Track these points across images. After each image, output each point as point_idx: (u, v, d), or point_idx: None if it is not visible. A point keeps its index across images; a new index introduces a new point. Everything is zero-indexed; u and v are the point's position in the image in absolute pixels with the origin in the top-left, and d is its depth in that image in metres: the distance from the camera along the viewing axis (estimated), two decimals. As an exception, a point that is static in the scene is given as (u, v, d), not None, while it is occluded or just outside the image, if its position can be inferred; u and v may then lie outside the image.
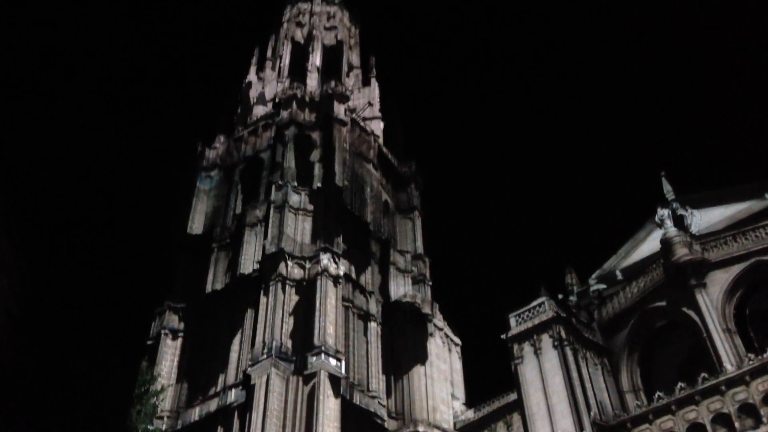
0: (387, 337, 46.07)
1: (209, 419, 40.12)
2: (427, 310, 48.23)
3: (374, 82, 65.35)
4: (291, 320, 41.32)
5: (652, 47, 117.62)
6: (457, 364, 46.80)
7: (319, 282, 42.23)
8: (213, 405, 40.88)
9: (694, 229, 42.28)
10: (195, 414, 41.14)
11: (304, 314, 41.38)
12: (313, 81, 58.86)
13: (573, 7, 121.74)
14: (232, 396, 40.01)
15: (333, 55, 65.77)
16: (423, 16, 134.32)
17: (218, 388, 41.67)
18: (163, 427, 39.89)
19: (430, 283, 50.88)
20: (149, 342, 45.36)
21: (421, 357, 45.13)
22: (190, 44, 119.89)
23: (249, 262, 46.10)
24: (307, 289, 42.55)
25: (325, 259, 43.28)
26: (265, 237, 45.64)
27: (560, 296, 42.50)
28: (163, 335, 44.65)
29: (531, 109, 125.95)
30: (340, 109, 53.99)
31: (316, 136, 52.28)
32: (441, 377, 44.70)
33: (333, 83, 55.52)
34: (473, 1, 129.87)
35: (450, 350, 46.39)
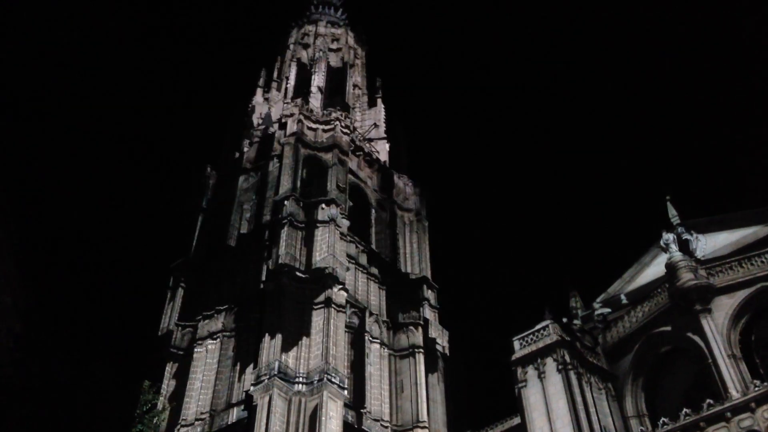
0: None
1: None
2: (434, 334, 48.24)
3: (380, 104, 65.82)
4: (296, 340, 41.18)
5: (658, 71, 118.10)
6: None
7: (323, 305, 42.27)
8: (215, 423, 40.64)
9: (699, 254, 42.17)
10: (197, 430, 40.83)
11: (310, 335, 41.32)
12: (317, 102, 59.22)
13: (579, 35, 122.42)
14: (234, 415, 39.82)
15: (339, 77, 66.22)
16: (429, 38, 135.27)
17: (220, 407, 41.37)
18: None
19: (437, 306, 51.00)
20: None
21: (427, 380, 45.01)
22: (197, 65, 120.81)
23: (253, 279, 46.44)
24: (311, 310, 42.51)
25: (330, 279, 43.29)
26: (269, 256, 45.72)
27: (564, 320, 42.26)
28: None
29: (536, 131, 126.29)
30: (343, 132, 54.31)
31: (320, 156, 52.52)
32: (442, 399, 44.53)
33: (337, 105, 55.91)
34: (480, 24, 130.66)
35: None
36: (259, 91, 65.72)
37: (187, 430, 39.85)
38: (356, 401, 41.50)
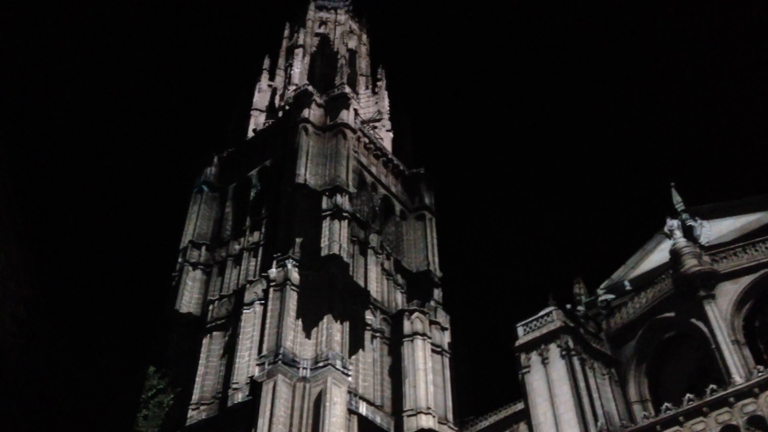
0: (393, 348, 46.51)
1: (214, 421, 40.16)
2: (438, 319, 48.61)
3: (384, 92, 65.67)
4: (300, 326, 41.37)
5: (662, 57, 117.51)
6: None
7: (327, 292, 42.49)
8: (217, 407, 40.90)
9: (703, 240, 42.14)
10: (202, 414, 41.08)
11: (316, 321, 41.57)
12: (322, 88, 59.13)
13: (582, 19, 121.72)
14: (239, 399, 40.03)
15: (342, 63, 65.90)
16: (432, 25, 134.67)
17: (226, 392, 41.59)
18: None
19: (441, 297, 51.38)
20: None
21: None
22: (200, 52, 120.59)
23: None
24: (316, 296, 42.75)
25: (334, 265, 43.46)
26: (273, 243, 46.03)
27: (568, 306, 42.39)
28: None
29: (540, 120, 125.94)
30: (349, 115, 54.27)
31: (324, 139, 52.55)
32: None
33: (343, 90, 55.71)
34: (482, 13, 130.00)
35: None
36: (264, 78, 65.55)
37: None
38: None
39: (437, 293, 51.49)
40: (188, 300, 48.57)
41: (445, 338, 47.63)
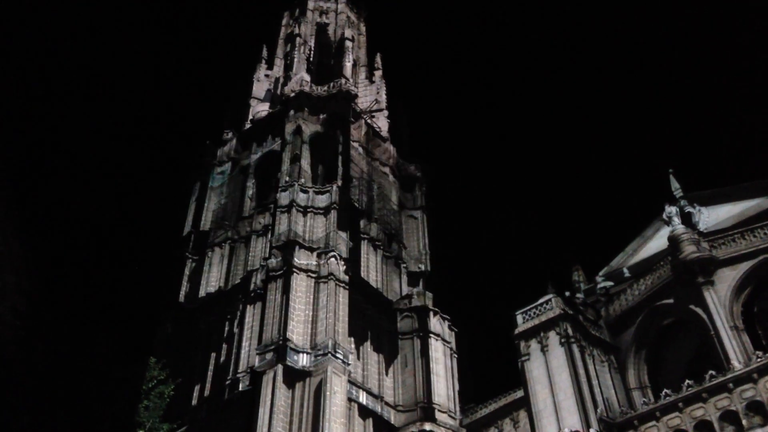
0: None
1: (216, 412, 40.30)
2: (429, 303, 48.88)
3: (381, 80, 65.51)
4: (301, 316, 41.41)
5: (659, 44, 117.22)
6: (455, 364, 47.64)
7: (326, 280, 42.50)
8: (220, 399, 41.03)
9: (702, 227, 42.18)
10: (204, 407, 41.16)
11: (316, 311, 41.62)
12: (320, 77, 59.01)
13: (578, 4, 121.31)
14: (239, 390, 40.12)
15: (340, 52, 65.82)
16: (429, 14, 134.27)
17: (225, 384, 41.75)
18: None
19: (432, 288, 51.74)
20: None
21: (426, 357, 45.51)
22: (198, 42, 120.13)
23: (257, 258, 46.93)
24: (316, 287, 42.76)
25: (334, 256, 43.47)
26: (272, 234, 45.97)
27: (567, 294, 42.50)
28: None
29: (538, 106, 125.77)
30: (351, 108, 54.24)
31: (323, 132, 52.51)
32: (448, 375, 44.92)
33: (342, 80, 55.58)
34: (477, 3, 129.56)
35: (447, 351, 46.68)
36: (262, 67, 65.33)
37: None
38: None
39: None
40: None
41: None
